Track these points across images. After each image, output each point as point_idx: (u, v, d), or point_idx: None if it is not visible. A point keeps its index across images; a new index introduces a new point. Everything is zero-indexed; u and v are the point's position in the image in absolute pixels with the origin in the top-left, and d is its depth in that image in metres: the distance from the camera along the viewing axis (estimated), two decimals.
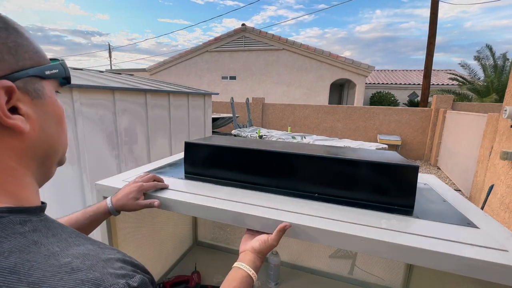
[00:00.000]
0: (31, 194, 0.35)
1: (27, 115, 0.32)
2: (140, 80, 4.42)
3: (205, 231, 1.58)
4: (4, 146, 0.31)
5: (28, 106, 0.33)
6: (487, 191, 2.72)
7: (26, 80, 0.32)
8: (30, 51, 0.34)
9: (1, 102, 0.29)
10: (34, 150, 0.35)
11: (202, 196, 0.77)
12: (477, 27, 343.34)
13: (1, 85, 0.29)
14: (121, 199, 0.71)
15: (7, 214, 0.30)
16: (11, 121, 0.30)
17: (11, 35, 0.32)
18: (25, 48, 0.33)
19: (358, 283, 1.28)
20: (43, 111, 0.35)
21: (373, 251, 0.57)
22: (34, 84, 0.34)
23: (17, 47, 0.32)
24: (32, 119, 0.33)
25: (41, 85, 0.35)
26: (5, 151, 0.32)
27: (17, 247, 0.27)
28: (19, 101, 0.31)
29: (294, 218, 0.65)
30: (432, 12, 8.24)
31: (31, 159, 0.35)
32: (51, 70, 0.36)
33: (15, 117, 0.31)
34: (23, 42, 0.33)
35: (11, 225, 0.29)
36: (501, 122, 2.72)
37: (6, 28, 0.31)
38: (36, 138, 0.34)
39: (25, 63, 0.32)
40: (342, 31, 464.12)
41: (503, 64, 9.12)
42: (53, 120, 0.37)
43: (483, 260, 0.50)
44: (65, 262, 0.28)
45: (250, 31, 11.48)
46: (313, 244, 1.29)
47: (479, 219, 0.70)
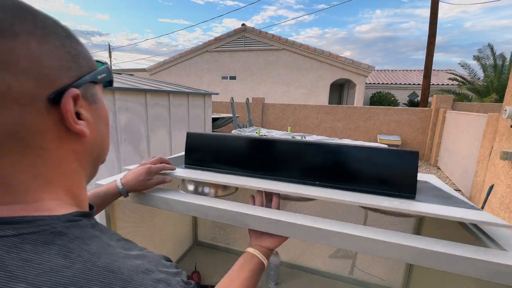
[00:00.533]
0: (85, 194, 0.37)
1: (87, 120, 0.34)
2: (140, 80, 4.42)
3: (205, 231, 1.58)
4: (69, 150, 0.33)
5: (87, 111, 0.34)
6: (487, 191, 2.72)
7: (85, 86, 0.34)
8: (87, 58, 0.35)
9: (71, 109, 0.31)
10: (91, 152, 0.37)
11: (202, 197, 0.77)
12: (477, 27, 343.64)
13: (72, 93, 0.31)
14: (131, 181, 0.74)
15: (81, 218, 0.32)
16: (78, 126, 0.32)
17: (73, 43, 0.33)
18: (83, 55, 0.34)
19: (358, 283, 1.28)
20: (97, 114, 0.37)
21: (373, 251, 0.57)
22: (90, 89, 0.35)
23: (79, 54, 0.33)
24: (90, 123, 0.35)
25: (94, 89, 0.36)
26: (70, 154, 0.33)
27: (100, 248, 0.29)
28: (81, 106, 0.33)
29: (294, 218, 0.65)
30: (432, 12, 8.24)
31: (89, 161, 0.37)
32: (101, 75, 0.37)
33: (80, 123, 0.32)
34: (81, 49, 0.34)
35: (87, 228, 0.31)
36: (501, 122, 2.72)
37: (68, 36, 0.32)
38: (93, 141, 0.36)
39: (84, 69, 0.34)
40: (342, 31, 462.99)
41: (502, 64, 9.11)
42: (104, 123, 0.39)
43: (483, 260, 0.50)
44: (138, 263, 0.30)
45: (250, 31, 11.48)
46: (313, 244, 1.29)
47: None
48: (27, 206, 0.29)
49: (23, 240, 0.26)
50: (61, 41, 0.31)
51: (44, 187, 0.31)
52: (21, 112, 0.28)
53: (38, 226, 0.28)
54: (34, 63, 0.28)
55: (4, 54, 0.26)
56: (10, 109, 0.27)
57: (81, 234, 0.30)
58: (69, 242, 0.28)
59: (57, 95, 0.30)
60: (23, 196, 0.30)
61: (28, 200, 0.30)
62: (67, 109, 0.30)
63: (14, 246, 0.26)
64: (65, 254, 0.27)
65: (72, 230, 0.29)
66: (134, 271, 0.29)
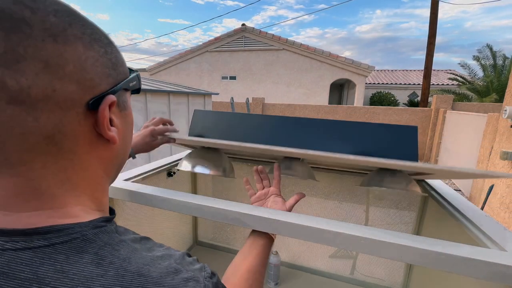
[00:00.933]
0: (107, 200, 0.38)
1: (117, 127, 0.34)
2: None
3: (205, 231, 1.58)
4: (97, 156, 0.33)
5: (118, 118, 0.35)
6: (487, 191, 2.72)
7: (119, 93, 0.34)
8: (122, 65, 0.35)
9: (106, 116, 0.31)
10: (117, 158, 0.37)
11: (202, 197, 0.77)
12: (477, 27, 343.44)
13: (110, 100, 0.31)
14: (138, 143, 0.78)
15: (105, 224, 0.32)
16: (111, 133, 0.32)
17: (114, 50, 0.33)
18: (121, 62, 0.35)
19: (358, 283, 1.28)
20: (126, 121, 0.37)
21: (373, 251, 0.57)
22: (122, 96, 0.35)
23: (117, 62, 0.34)
24: (119, 130, 0.35)
25: (125, 97, 0.37)
26: (97, 160, 0.33)
27: (129, 253, 0.29)
28: (113, 113, 0.33)
29: (294, 218, 0.65)
30: (432, 12, 8.24)
31: (113, 167, 0.37)
32: (133, 82, 0.37)
33: (112, 129, 0.33)
34: (120, 56, 0.35)
35: (114, 234, 0.31)
36: (501, 122, 2.72)
37: (109, 43, 0.33)
38: (120, 147, 0.36)
39: (121, 77, 0.34)
40: (342, 31, 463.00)
41: (502, 64, 9.11)
42: (130, 129, 0.39)
43: (483, 260, 0.50)
44: (166, 265, 0.31)
45: (250, 31, 11.47)
46: (313, 244, 1.29)
47: (479, 219, 0.70)
48: (54, 212, 0.29)
49: (55, 250, 0.26)
50: (105, 48, 0.32)
51: (71, 192, 0.31)
52: (61, 116, 0.28)
53: (68, 234, 0.28)
54: (79, 68, 0.28)
55: (54, 58, 0.26)
56: (51, 112, 0.27)
57: (109, 240, 0.30)
58: (100, 249, 0.28)
59: (96, 101, 0.30)
60: (50, 201, 0.29)
61: (54, 206, 0.30)
62: (104, 115, 0.31)
63: (47, 257, 0.25)
64: (98, 262, 0.27)
65: (100, 237, 0.30)
66: (164, 272, 0.29)
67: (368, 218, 1.24)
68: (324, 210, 1.31)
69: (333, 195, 1.27)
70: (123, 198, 0.86)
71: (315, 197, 1.31)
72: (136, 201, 0.82)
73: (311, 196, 1.32)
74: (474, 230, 0.67)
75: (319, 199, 1.30)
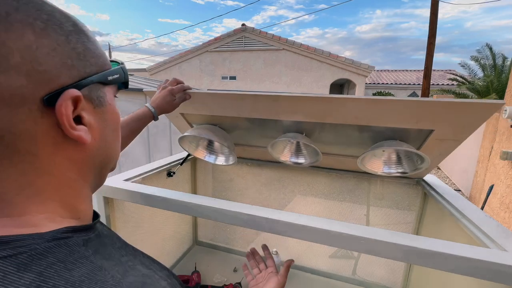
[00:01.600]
0: (87, 206, 0.34)
1: (89, 125, 0.30)
2: (140, 80, 4.42)
3: (205, 231, 1.58)
4: (65, 158, 0.30)
5: (90, 115, 0.31)
6: (487, 191, 2.72)
7: (91, 87, 0.30)
8: (96, 56, 0.31)
9: (68, 113, 0.27)
10: (93, 160, 0.33)
11: (202, 197, 0.77)
12: (478, 27, 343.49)
13: (70, 94, 0.27)
14: (160, 103, 0.82)
15: (71, 235, 0.28)
16: (76, 132, 0.28)
17: (80, 38, 0.29)
18: (92, 53, 0.31)
19: (358, 283, 1.28)
20: (103, 119, 0.33)
21: (373, 251, 0.57)
22: (97, 91, 0.32)
23: (85, 52, 0.30)
24: (93, 128, 0.31)
25: (103, 91, 0.33)
26: (67, 162, 0.30)
27: (85, 274, 0.25)
28: (83, 110, 0.30)
29: (294, 218, 0.65)
30: (432, 12, 8.23)
31: (90, 170, 0.33)
32: (113, 76, 0.34)
33: (79, 128, 0.29)
34: (90, 46, 0.31)
35: (77, 247, 0.27)
36: (501, 122, 2.72)
37: (76, 31, 0.29)
38: (96, 148, 0.32)
39: (91, 69, 0.30)
40: (342, 31, 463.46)
41: (502, 64, 9.11)
42: (111, 128, 0.35)
43: (483, 260, 0.50)
44: None
45: (250, 31, 11.47)
46: (313, 244, 1.29)
47: (479, 219, 0.70)
48: (10, 220, 0.26)
49: None
50: (67, 36, 0.28)
51: (33, 198, 0.28)
52: (9, 114, 0.25)
53: (15, 248, 0.24)
54: (29, 59, 0.25)
55: None
56: None
57: (65, 256, 0.25)
58: (47, 268, 0.24)
59: (53, 97, 0.26)
60: (7, 208, 0.26)
61: (12, 213, 0.26)
62: (62, 112, 0.27)
63: None
64: (38, 285, 0.22)
65: (54, 252, 0.25)
66: None
67: (369, 221, 1.24)
68: (324, 210, 1.31)
69: (333, 195, 1.27)
70: (123, 198, 0.86)
71: (315, 197, 1.31)
72: (136, 201, 0.82)
73: (311, 196, 1.32)
74: (474, 230, 0.67)
75: (319, 199, 1.30)
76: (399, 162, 0.95)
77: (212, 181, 1.48)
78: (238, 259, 1.45)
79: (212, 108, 0.99)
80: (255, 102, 0.89)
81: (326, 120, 0.88)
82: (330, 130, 0.95)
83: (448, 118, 0.73)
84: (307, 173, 1.27)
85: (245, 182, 1.41)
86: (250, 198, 1.43)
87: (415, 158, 0.90)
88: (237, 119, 1.03)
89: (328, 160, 1.11)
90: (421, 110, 0.73)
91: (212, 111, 1.01)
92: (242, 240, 1.49)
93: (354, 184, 1.22)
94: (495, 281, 0.50)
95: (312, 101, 0.82)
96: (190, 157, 1.30)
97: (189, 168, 1.42)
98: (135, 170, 1.03)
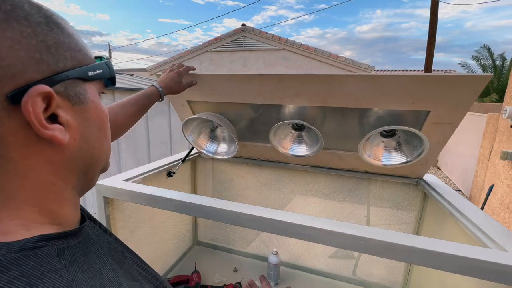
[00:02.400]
0: (71, 210, 0.32)
1: (67, 124, 0.28)
2: (140, 80, 4.42)
3: (205, 231, 1.58)
4: (42, 160, 0.28)
5: (68, 113, 0.28)
6: (487, 191, 2.72)
7: (67, 83, 0.28)
8: (73, 50, 0.29)
9: (37, 111, 0.25)
10: (75, 161, 0.31)
11: (202, 197, 0.77)
12: (478, 27, 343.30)
13: (38, 90, 0.25)
14: (168, 84, 0.84)
15: (45, 243, 0.26)
16: (49, 132, 0.26)
17: (52, 31, 0.27)
18: (67, 46, 0.28)
19: (358, 283, 1.28)
20: (85, 117, 0.31)
21: (373, 251, 0.57)
22: (75, 87, 0.29)
23: (58, 45, 0.27)
24: (72, 127, 0.29)
25: (83, 88, 0.30)
26: (43, 164, 0.28)
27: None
28: (59, 107, 0.27)
29: (294, 218, 0.65)
30: (432, 12, 8.23)
31: (71, 172, 0.31)
32: (95, 71, 0.32)
33: (53, 127, 0.27)
34: (65, 39, 0.28)
35: (48, 258, 0.25)
36: (501, 122, 2.72)
37: (47, 22, 0.27)
38: (76, 148, 0.30)
39: (66, 63, 0.28)
40: (343, 31, 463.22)
41: (502, 64, 9.12)
42: (95, 127, 0.33)
43: (483, 260, 0.50)
44: None
45: (250, 31, 11.47)
46: (313, 244, 1.30)
47: (479, 219, 0.70)
48: None
49: None
50: (34, 28, 0.26)
51: (5, 204, 0.26)
52: None
53: None
54: None
55: None
56: None
57: (31, 269, 0.23)
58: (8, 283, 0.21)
59: (19, 93, 0.24)
60: None
61: None
62: (28, 110, 0.24)
63: None
64: None
65: (20, 264, 0.23)
66: None
67: (369, 222, 1.24)
68: (324, 210, 1.31)
69: (333, 195, 1.27)
70: (123, 198, 0.86)
71: (315, 197, 1.31)
72: (136, 201, 0.82)
73: (311, 196, 1.32)
74: (474, 230, 0.67)
75: (319, 199, 1.30)
76: (399, 148, 0.96)
77: (212, 181, 1.48)
78: (238, 259, 1.45)
79: (219, 92, 1.02)
80: (262, 82, 0.91)
81: (327, 104, 0.90)
82: (331, 118, 0.98)
83: (442, 95, 0.75)
84: (307, 173, 1.27)
85: (245, 182, 1.41)
86: (250, 198, 1.42)
87: (415, 142, 0.91)
88: (242, 107, 1.06)
89: (328, 157, 1.12)
90: (416, 87, 0.76)
91: (218, 97, 1.03)
92: (242, 240, 1.49)
93: (354, 184, 1.22)
94: (495, 281, 0.50)
95: (314, 80, 0.85)
96: (191, 156, 1.30)
97: (189, 168, 1.42)
98: (135, 170, 1.03)
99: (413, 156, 0.91)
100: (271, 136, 1.03)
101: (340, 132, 1.02)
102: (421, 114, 0.84)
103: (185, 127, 1.10)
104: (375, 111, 0.90)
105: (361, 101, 0.85)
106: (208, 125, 1.20)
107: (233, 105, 1.06)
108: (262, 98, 0.97)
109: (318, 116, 0.98)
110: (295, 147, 1.08)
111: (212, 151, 1.20)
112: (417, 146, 0.90)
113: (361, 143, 0.91)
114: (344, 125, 0.99)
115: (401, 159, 0.94)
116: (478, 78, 0.69)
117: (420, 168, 1.03)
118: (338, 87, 0.83)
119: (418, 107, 0.81)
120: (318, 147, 0.99)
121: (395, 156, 0.96)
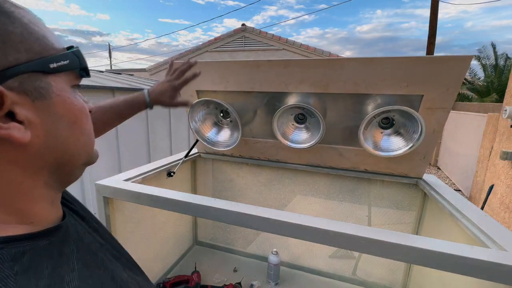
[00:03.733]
0: (44, 208, 0.31)
1: (27, 121, 0.26)
2: (140, 80, 4.42)
3: (205, 231, 1.58)
4: (5, 160, 0.26)
5: (28, 109, 0.26)
6: (487, 191, 2.72)
7: (22, 77, 0.26)
8: (27, 41, 0.26)
9: None
10: (42, 159, 0.29)
11: (202, 197, 0.77)
12: (478, 27, 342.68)
13: None
14: (157, 96, 0.77)
15: (1, 246, 0.24)
16: (4, 131, 0.24)
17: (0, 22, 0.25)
18: (20, 37, 0.26)
19: (358, 283, 1.28)
20: (50, 113, 0.28)
21: (374, 251, 0.57)
22: (34, 82, 0.27)
23: (7, 36, 0.25)
24: (34, 124, 0.27)
25: (45, 81, 0.28)
26: (6, 165, 0.26)
27: None
28: (16, 104, 0.25)
29: (294, 218, 0.65)
30: (432, 12, 8.23)
31: (40, 169, 0.29)
32: (58, 62, 0.29)
33: (8, 126, 0.25)
34: (16, 29, 0.25)
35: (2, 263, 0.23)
36: (501, 122, 2.72)
37: None
38: (42, 145, 0.28)
39: (19, 56, 0.25)
40: (343, 31, 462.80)
41: (504, 64, 9.12)
42: (65, 122, 0.30)
43: (483, 260, 0.50)
44: None
45: (250, 31, 11.47)
46: (313, 244, 1.30)
47: (479, 219, 0.70)
48: None
49: None
50: None
51: None
52: None
53: None
54: None
55: None
56: None
57: None
58: None
59: None
60: None
61: None
62: None
63: None
64: None
65: None
66: None
67: (370, 222, 1.24)
68: (324, 210, 1.31)
69: (333, 195, 1.27)
70: (123, 198, 0.86)
71: (315, 197, 1.31)
72: (136, 201, 0.82)
73: (311, 196, 1.32)
74: (474, 230, 0.67)
75: (319, 199, 1.30)
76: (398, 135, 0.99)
77: (212, 181, 1.48)
78: (238, 259, 1.45)
79: (228, 80, 1.07)
80: (270, 68, 0.97)
81: (329, 90, 0.95)
82: (332, 106, 1.03)
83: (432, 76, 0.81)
84: (307, 173, 1.27)
85: (245, 182, 1.41)
86: (250, 198, 1.42)
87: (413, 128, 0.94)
88: (249, 97, 1.11)
89: (329, 153, 1.12)
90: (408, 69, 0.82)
91: (227, 85, 1.09)
92: (242, 240, 1.49)
93: (354, 184, 1.22)
94: (495, 281, 0.50)
95: (317, 64, 0.91)
96: (191, 156, 1.30)
97: (189, 168, 1.42)
98: (135, 170, 1.03)
99: (413, 140, 0.92)
100: (274, 123, 1.07)
101: (341, 122, 1.05)
102: (415, 100, 0.89)
103: (191, 114, 1.14)
104: (373, 99, 0.94)
105: (359, 85, 0.91)
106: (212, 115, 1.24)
107: (241, 94, 1.11)
108: (268, 85, 1.02)
109: (320, 106, 1.03)
110: (297, 133, 1.12)
111: (214, 140, 1.22)
112: (415, 131, 0.92)
113: (361, 128, 0.94)
114: (345, 115, 1.02)
115: (400, 144, 0.96)
116: (461, 59, 0.77)
117: (419, 164, 1.03)
118: (339, 70, 0.90)
119: (411, 91, 0.86)
120: (320, 135, 1.02)
121: (395, 142, 0.98)
